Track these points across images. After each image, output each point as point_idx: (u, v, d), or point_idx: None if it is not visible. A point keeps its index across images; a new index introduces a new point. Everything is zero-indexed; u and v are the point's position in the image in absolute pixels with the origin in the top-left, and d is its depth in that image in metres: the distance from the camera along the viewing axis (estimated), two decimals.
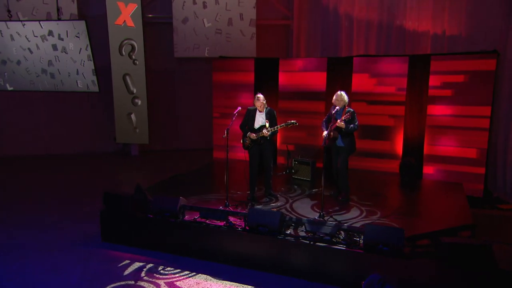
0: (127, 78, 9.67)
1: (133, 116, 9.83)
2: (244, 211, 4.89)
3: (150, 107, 9.97)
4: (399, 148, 7.23)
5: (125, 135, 9.94)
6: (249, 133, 5.51)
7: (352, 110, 5.27)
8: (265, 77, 7.95)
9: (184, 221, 4.79)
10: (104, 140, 10.42)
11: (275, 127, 5.42)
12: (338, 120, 5.20)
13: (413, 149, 7.13)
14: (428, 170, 7.00)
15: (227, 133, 5.08)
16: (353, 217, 5.00)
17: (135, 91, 9.73)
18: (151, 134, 10.06)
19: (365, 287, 2.06)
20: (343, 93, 5.33)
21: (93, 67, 8.58)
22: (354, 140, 5.49)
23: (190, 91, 10.59)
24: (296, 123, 5.29)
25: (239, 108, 5.38)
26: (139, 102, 9.75)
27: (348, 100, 5.41)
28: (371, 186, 6.55)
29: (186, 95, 10.62)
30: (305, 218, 4.63)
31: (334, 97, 5.36)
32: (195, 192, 5.84)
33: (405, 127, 7.17)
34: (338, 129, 5.28)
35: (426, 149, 7.01)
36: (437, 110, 6.83)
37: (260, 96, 5.50)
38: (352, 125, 5.29)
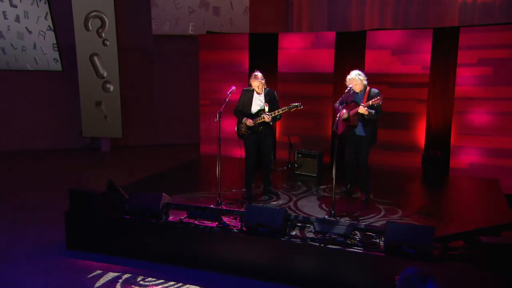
0: (96, 59, 9.54)
1: (103, 104, 9.71)
2: (240, 210, 4.88)
3: (124, 94, 9.87)
4: (421, 138, 7.25)
5: (93, 128, 9.82)
6: (245, 118, 5.48)
7: (378, 91, 5.18)
8: (262, 56, 7.94)
9: (168, 222, 4.76)
10: (67, 133, 10.28)
11: (277, 111, 5.38)
12: (361, 105, 5.08)
13: (438, 139, 7.16)
14: (456, 164, 7.02)
15: (219, 117, 5.05)
16: (370, 217, 5.02)
17: (105, 74, 9.62)
18: (125, 126, 9.97)
19: (401, 283, 1.98)
20: (361, 73, 5.24)
21: (55, 41, 8.38)
22: (376, 129, 5.41)
23: (172, 74, 10.52)
24: (300, 106, 5.28)
25: (233, 87, 5.34)
26: (111, 88, 9.64)
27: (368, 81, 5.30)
28: (389, 182, 6.58)
29: (167, 80, 10.54)
30: (314, 217, 4.59)
31: (350, 77, 5.24)
32: (180, 190, 5.83)
33: (428, 113, 7.19)
34: (360, 115, 5.19)
35: (453, 140, 7.03)
36: (467, 92, 6.85)
37: (258, 74, 5.45)
38: (374, 113, 5.16)
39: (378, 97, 5.04)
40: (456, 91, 6.90)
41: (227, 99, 5.19)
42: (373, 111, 5.13)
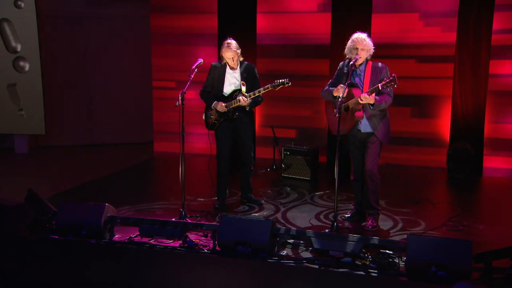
0: (6, 26, 9.25)
1: (17, 89, 9.42)
2: (212, 223, 4.88)
3: (47, 77, 9.60)
4: (445, 129, 7.32)
5: (3, 121, 9.52)
6: (215, 102, 5.47)
7: (386, 67, 4.91)
8: (235, 23, 7.93)
9: (114, 243, 4.69)
10: None
11: (257, 91, 5.36)
12: (364, 94, 4.73)
13: (468, 130, 7.25)
14: (492, 161, 7.11)
15: (182, 99, 4.99)
16: (385, 230, 5.08)
17: (18, 48, 9.34)
18: (49, 120, 9.69)
19: None
20: (365, 36, 4.98)
21: None
22: (389, 122, 5.08)
23: (114, 50, 10.33)
24: (288, 83, 5.29)
25: (200, 60, 5.29)
26: (27, 67, 9.36)
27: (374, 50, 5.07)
28: (407, 187, 6.65)
29: (108, 57, 10.34)
30: (310, 231, 4.54)
31: (349, 44, 5.06)
32: (129, 200, 5.86)
33: (454, 95, 7.27)
34: (364, 104, 4.83)
35: (487, 130, 7.11)
36: (506, 68, 6.93)
37: (232, 42, 5.44)
38: (386, 97, 4.82)
39: (391, 78, 4.61)
40: (490, 66, 6.99)
41: (191, 76, 5.13)
42: (383, 99, 4.79)
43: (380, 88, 4.67)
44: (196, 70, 5.18)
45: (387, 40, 7.24)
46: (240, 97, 5.35)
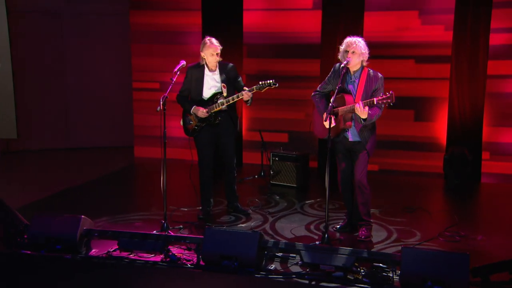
0: None
1: None
2: (196, 236, 4.87)
3: (19, 76, 9.55)
4: (441, 132, 7.37)
5: None
6: (194, 107, 5.48)
7: (381, 76, 4.92)
8: (221, 21, 7.94)
9: (91, 258, 4.66)
10: None
11: (240, 93, 5.38)
12: (358, 105, 4.73)
13: (465, 133, 7.29)
14: (491, 167, 7.16)
15: (163, 104, 4.99)
16: (377, 241, 5.05)
17: None
18: (22, 123, 9.65)
19: None
20: (358, 40, 4.95)
21: None
22: (376, 133, 5.16)
23: (90, 48, 10.27)
24: (275, 84, 5.31)
25: (183, 62, 5.32)
26: None
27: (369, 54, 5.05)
28: (401, 194, 6.66)
29: (84, 56, 10.29)
30: (300, 243, 4.56)
31: (343, 46, 5.00)
32: (107, 211, 5.83)
33: (451, 97, 7.31)
34: (355, 115, 4.88)
35: (485, 134, 7.17)
36: (505, 68, 6.99)
37: (213, 40, 5.44)
38: (377, 112, 4.82)
39: (388, 95, 4.63)
40: (488, 66, 7.04)
41: (174, 79, 5.14)
42: (375, 114, 4.81)
43: (375, 103, 4.71)
44: (178, 73, 5.19)
45: (380, 39, 7.27)
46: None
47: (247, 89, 5.37)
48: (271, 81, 5.30)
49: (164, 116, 5.03)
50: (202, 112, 5.43)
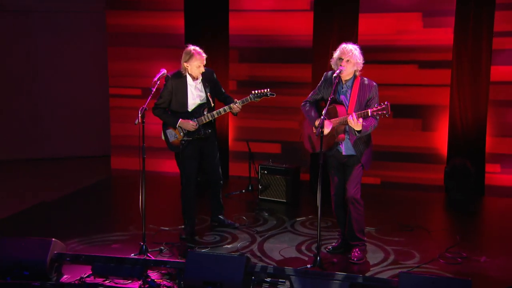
0: None
1: None
2: (178, 260, 4.85)
3: None
4: (442, 143, 7.37)
5: None
6: (180, 121, 5.49)
7: (375, 85, 4.95)
8: (205, 22, 7.92)
9: (62, 285, 4.60)
10: None
11: (229, 106, 5.45)
12: (351, 116, 4.72)
13: (467, 144, 7.29)
14: (494, 180, 7.16)
15: (142, 117, 4.96)
16: (374, 263, 5.02)
17: None
18: None
19: None
20: (353, 48, 4.96)
21: None
22: (372, 146, 5.17)
23: (64, 50, 10.22)
24: (272, 94, 5.37)
25: (163, 70, 5.31)
26: None
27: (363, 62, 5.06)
28: (399, 210, 6.63)
29: (56, 58, 10.23)
30: (290, 268, 4.53)
31: (335, 54, 5.03)
32: (80, 231, 5.78)
33: (452, 105, 7.32)
34: (349, 127, 4.88)
35: (489, 144, 7.17)
36: (509, 74, 7.00)
37: (199, 51, 5.43)
38: (373, 122, 4.82)
39: (383, 106, 4.63)
40: (491, 72, 7.06)
41: (153, 89, 5.11)
42: (370, 125, 4.82)
43: (369, 114, 4.70)
44: (158, 83, 5.17)
45: (375, 43, 7.28)
46: (233, 105, 5.41)
47: (238, 101, 5.41)
48: (266, 90, 5.34)
49: (143, 129, 4.99)
50: (192, 125, 5.45)
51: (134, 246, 5.24)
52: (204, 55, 5.45)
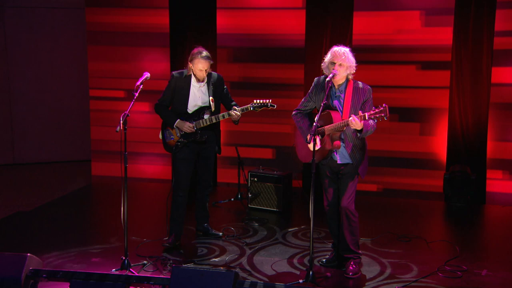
0: None
1: None
2: (162, 275, 4.84)
3: None
4: (441, 148, 7.40)
5: None
6: (178, 121, 5.53)
7: (370, 89, 4.95)
8: (191, 20, 7.93)
9: None
10: None
11: (228, 112, 5.49)
12: (351, 118, 4.67)
13: (467, 149, 7.32)
14: (496, 187, 7.19)
15: (124, 123, 4.95)
16: (369, 278, 5.02)
17: None
18: None
19: None
20: (346, 51, 4.95)
21: None
22: (366, 150, 5.19)
23: (40, 48, 10.16)
24: (272, 106, 5.47)
25: (147, 74, 5.29)
26: None
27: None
28: (396, 220, 6.64)
29: (32, 57, 10.17)
30: (281, 284, 4.52)
31: (326, 58, 5.01)
32: (58, 244, 5.75)
33: (452, 108, 7.34)
34: (345, 134, 4.92)
35: (490, 149, 7.21)
36: (510, 76, 7.03)
37: (204, 51, 5.49)
38: (370, 127, 4.83)
39: (381, 108, 4.61)
40: (493, 74, 7.08)
41: (136, 94, 5.11)
42: (370, 125, 4.81)
43: (366, 118, 4.68)
44: (141, 87, 5.15)
45: (370, 43, 7.31)
46: (232, 112, 5.45)
47: (238, 108, 5.45)
48: (268, 101, 5.40)
49: (125, 137, 4.97)
50: (188, 127, 5.50)
51: (115, 260, 5.22)
52: (209, 61, 5.49)
